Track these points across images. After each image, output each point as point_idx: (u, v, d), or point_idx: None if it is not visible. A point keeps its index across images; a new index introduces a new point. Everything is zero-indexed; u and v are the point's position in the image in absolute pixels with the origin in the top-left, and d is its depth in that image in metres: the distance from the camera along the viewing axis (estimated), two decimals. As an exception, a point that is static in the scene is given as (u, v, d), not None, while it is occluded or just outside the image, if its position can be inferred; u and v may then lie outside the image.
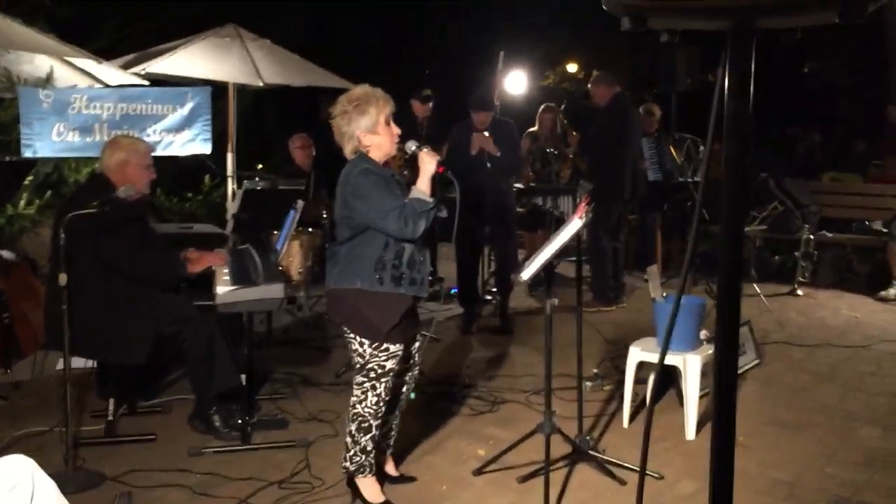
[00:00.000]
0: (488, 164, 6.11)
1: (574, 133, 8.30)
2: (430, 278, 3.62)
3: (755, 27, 1.17)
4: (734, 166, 1.18)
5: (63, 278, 3.67)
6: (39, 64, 6.59)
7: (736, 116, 1.19)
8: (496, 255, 6.59)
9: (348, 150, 3.45)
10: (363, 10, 14.47)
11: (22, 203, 6.91)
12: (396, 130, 3.44)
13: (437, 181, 3.40)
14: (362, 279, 3.33)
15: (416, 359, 3.68)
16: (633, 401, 4.46)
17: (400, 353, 3.42)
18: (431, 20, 15.61)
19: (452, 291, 6.85)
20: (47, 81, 6.58)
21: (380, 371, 3.39)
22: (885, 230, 7.84)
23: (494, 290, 6.99)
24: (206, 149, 6.57)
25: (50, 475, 2.45)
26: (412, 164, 3.46)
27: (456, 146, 6.26)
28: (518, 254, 6.73)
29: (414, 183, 3.38)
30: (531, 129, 8.38)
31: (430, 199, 3.29)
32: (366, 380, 3.41)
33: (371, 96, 3.39)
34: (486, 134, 6.10)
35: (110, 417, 4.32)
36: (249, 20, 7.56)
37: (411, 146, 3.45)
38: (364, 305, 3.34)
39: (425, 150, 3.41)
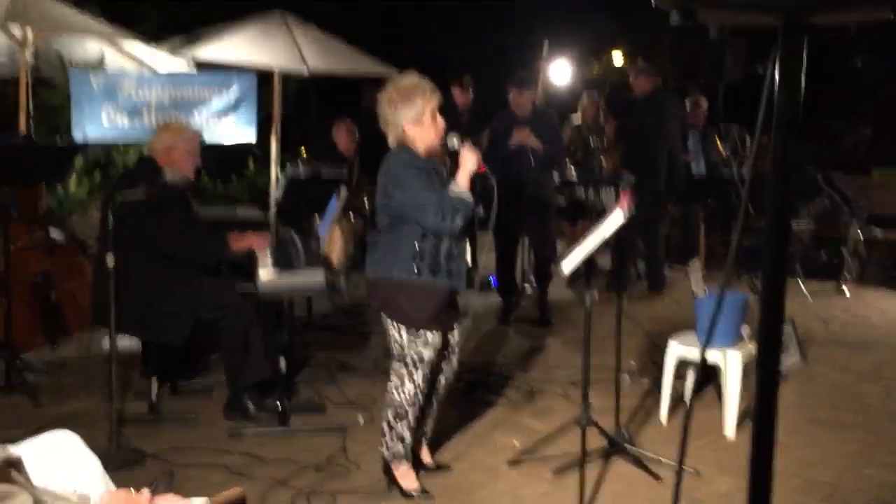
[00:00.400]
0: (532, 158, 6.08)
1: (611, 121, 8.25)
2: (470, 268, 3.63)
3: (807, 23, 1.16)
4: (780, 161, 1.17)
5: (111, 259, 3.75)
6: (90, 48, 6.71)
7: (785, 112, 1.18)
8: (535, 246, 6.58)
9: (392, 139, 3.46)
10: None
11: (72, 184, 7.05)
12: (442, 124, 3.44)
13: (476, 178, 3.40)
14: (399, 269, 3.35)
15: (455, 349, 3.69)
16: (671, 396, 4.42)
17: (438, 341, 3.44)
18: (476, 8, 15.54)
19: (491, 280, 6.85)
20: (98, 65, 6.70)
21: (417, 359, 3.41)
22: (935, 229, 7.66)
23: (533, 281, 6.98)
24: (250, 137, 6.64)
25: (94, 451, 2.52)
26: (454, 156, 3.46)
27: (496, 137, 6.24)
28: (557, 245, 6.72)
29: (454, 176, 3.39)
30: (573, 117, 8.32)
31: (469, 195, 3.29)
32: (403, 368, 3.43)
33: (419, 87, 3.39)
34: (528, 129, 6.06)
35: (153, 397, 4.40)
36: (294, 5, 7.60)
37: (454, 141, 3.45)
38: (401, 295, 3.37)
39: (467, 146, 3.40)
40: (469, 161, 3.35)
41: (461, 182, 3.33)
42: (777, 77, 1.18)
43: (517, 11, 14.89)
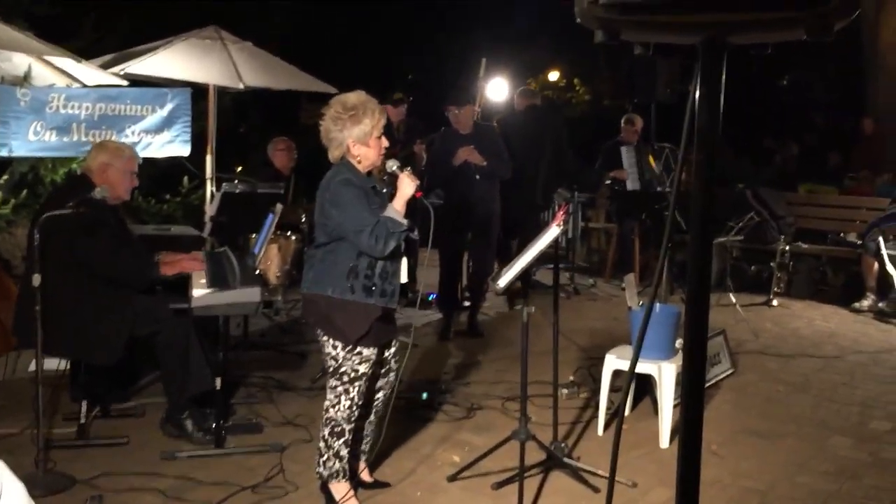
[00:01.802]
0: (477, 176, 6.15)
1: None
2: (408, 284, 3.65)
3: (726, 42, 1.20)
4: (702, 176, 1.20)
5: (37, 278, 3.65)
6: (17, 62, 6.53)
7: (705, 128, 1.22)
8: (473, 261, 6.62)
9: (334, 156, 3.46)
10: (345, 15, 14.48)
11: (-4, 202, 6.85)
12: (385, 143, 3.46)
13: (413, 203, 3.42)
14: (333, 287, 3.35)
15: (392, 364, 3.68)
16: (608, 409, 4.49)
17: (373, 357, 3.44)
18: (414, 27, 15.65)
19: (430, 297, 6.87)
20: (25, 80, 6.52)
21: (353, 375, 3.40)
22: (859, 242, 7.95)
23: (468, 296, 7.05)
24: (184, 151, 6.54)
25: (19, 477, 2.43)
26: (392, 178, 3.48)
27: (440, 156, 6.28)
28: (494, 260, 6.79)
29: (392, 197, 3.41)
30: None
31: (404, 221, 3.31)
32: (339, 384, 3.42)
33: (367, 106, 3.39)
34: (471, 147, 6.12)
35: (83, 420, 4.28)
36: (231, 23, 7.55)
37: (392, 165, 3.48)
38: (335, 312, 3.37)
39: (406, 172, 3.43)
40: (407, 187, 3.37)
41: (398, 206, 3.35)
42: (697, 98, 1.22)
43: (456, 31, 15.03)
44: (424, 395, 4.90)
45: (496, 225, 6.47)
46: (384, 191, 3.51)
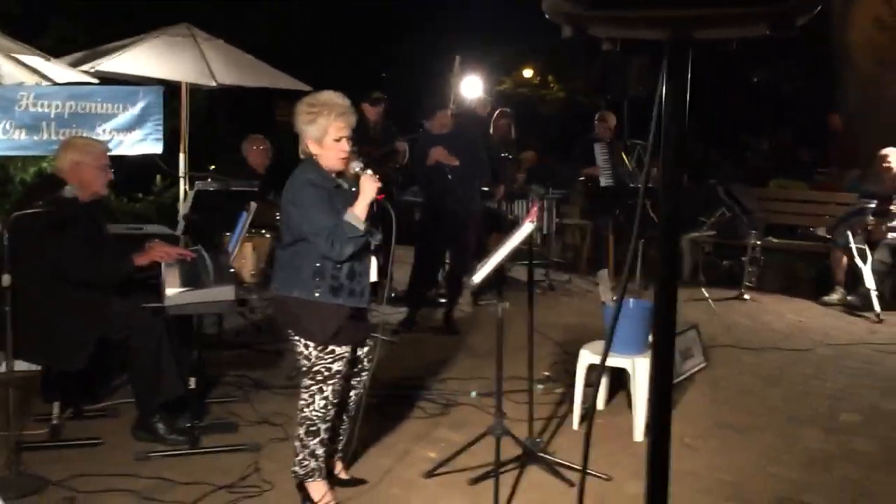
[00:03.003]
0: (449, 176, 6.23)
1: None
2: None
3: (691, 38, 1.21)
4: (669, 172, 1.21)
5: (6, 279, 3.60)
6: (-15, 60, 6.45)
7: (672, 123, 1.23)
8: (450, 259, 6.65)
9: (300, 148, 3.45)
10: (321, 14, 14.43)
11: (-35, 202, 6.75)
12: (345, 149, 3.38)
13: (374, 206, 3.39)
14: (300, 288, 3.35)
15: (366, 363, 3.68)
16: (583, 403, 4.51)
17: (346, 355, 3.43)
18: (389, 26, 15.63)
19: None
20: (-7, 78, 6.44)
21: (326, 374, 3.39)
22: (828, 236, 8.05)
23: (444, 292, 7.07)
24: (157, 149, 6.49)
25: (-10, 480, 2.41)
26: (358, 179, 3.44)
27: (419, 157, 6.37)
28: (472, 259, 6.80)
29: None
30: (485, 134, 8.43)
31: (362, 226, 3.28)
32: (313, 383, 3.41)
33: (326, 108, 3.34)
34: (440, 148, 6.22)
35: (55, 421, 4.24)
36: (206, 21, 7.50)
37: (356, 167, 3.42)
38: (303, 313, 3.36)
39: (368, 173, 3.37)
40: (369, 189, 3.33)
41: (358, 210, 3.31)
42: (664, 94, 1.23)
43: (428, 29, 15.03)
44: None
45: (474, 225, 6.51)
46: (353, 189, 3.47)
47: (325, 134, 3.34)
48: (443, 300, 7.13)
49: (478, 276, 3.53)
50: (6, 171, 7.41)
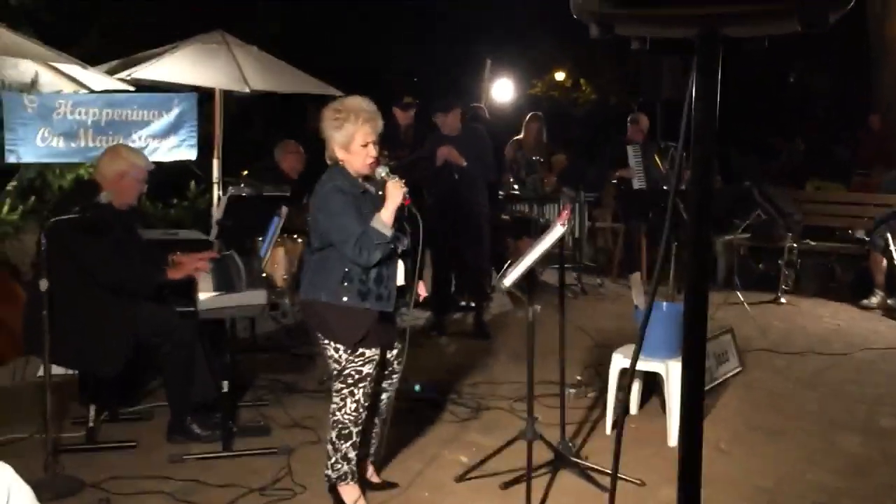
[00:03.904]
0: (456, 176, 6.26)
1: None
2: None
3: (721, 35, 1.19)
4: (699, 174, 1.19)
5: (44, 283, 3.66)
6: (24, 69, 6.56)
7: (703, 122, 1.21)
8: (468, 261, 6.64)
9: (328, 153, 3.46)
10: (350, 17, 14.50)
11: (5, 209, 6.87)
12: (373, 154, 3.38)
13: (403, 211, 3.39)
14: (327, 292, 3.36)
15: (395, 366, 3.68)
16: (615, 407, 4.47)
17: (376, 357, 3.44)
18: (419, 28, 15.67)
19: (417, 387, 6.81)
20: (32, 86, 6.55)
21: (357, 377, 3.40)
22: (866, 239, 7.90)
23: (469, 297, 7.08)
24: (191, 155, 6.55)
25: (28, 482, 2.44)
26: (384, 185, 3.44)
27: (430, 158, 6.37)
28: (489, 259, 6.84)
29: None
30: (517, 137, 8.42)
31: (389, 232, 3.29)
32: (344, 386, 3.42)
33: (353, 112, 3.36)
34: (448, 147, 6.24)
35: (91, 424, 4.29)
36: (234, 24, 7.56)
37: (381, 172, 3.43)
38: (331, 317, 3.39)
39: (394, 180, 3.37)
40: (395, 195, 3.33)
41: (384, 216, 3.31)
42: (694, 94, 1.21)
43: (459, 32, 15.04)
44: (417, 388, 4.91)
45: (485, 225, 6.54)
46: (379, 192, 3.47)
47: (352, 140, 3.35)
48: (469, 304, 7.13)
49: (509, 280, 3.51)
50: (44, 179, 7.52)
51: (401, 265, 3.49)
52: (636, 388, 4.70)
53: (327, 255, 3.38)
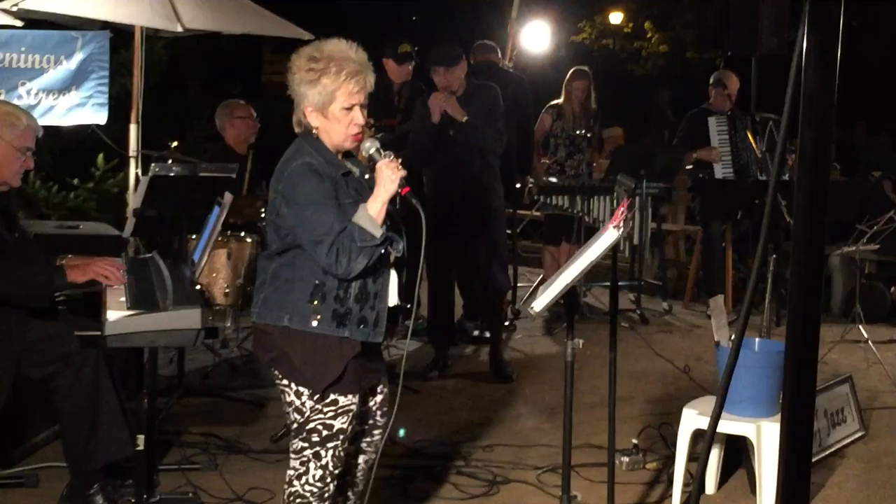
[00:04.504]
0: (451, 132, 6.22)
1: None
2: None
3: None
4: (810, 163, 1.20)
5: None
6: None
7: (816, 92, 1.22)
8: (481, 273, 6.64)
9: (295, 118, 3.47)
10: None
11: None
12: (359, 121, 3.39)
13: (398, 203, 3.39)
14: (292, 314, 3.35)
15: (379, 419, 3.69)
16: (686, 484, 4.47)
17: (353, 408, 3.44)
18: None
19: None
20: None
21: (326, 433, 3.41)
22: None
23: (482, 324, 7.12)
24: (99, 118, 6.58)
25: None
26: (373, 166, 3.44)
27: (419, 126, 6.38)
28: (508, 270, 6.87)
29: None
30: (555, 102, 8.45)
31: (379, 231, 3.27)
32: (307, 445, 3.42)
33: (336, 62, 3.34)
34: (448, 96, 6.21)
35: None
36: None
37: (370, 148, 3.41)
38: (295, 349, 3.37)
39: (388, 159, 3.35)
40: (388, 181, 3.31)
41: (372, 210, 3.30)
42: (804, 52, 1.22)
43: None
44: (401, 433, 4.93)
45: (500, 221, 6.59)
46: (366, 177, 3.48)
47: (332, 100, 3.36)
48: (486, 334, 7.14)
49: (540, 303, 3.52)
50: None
51: (393, 278, 3.49)
52: (715, 457, 4.70)
53: (291, 261, 3.39)
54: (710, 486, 4.73)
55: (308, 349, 3.36)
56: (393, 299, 3.50)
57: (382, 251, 3.32)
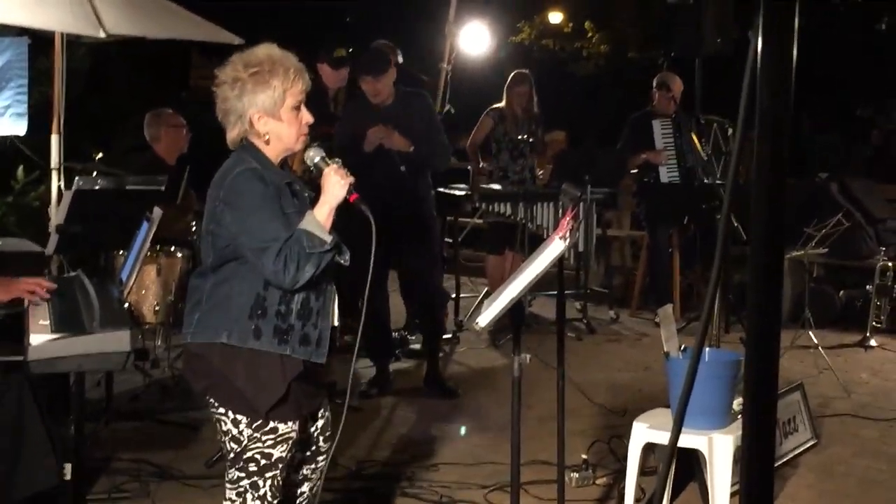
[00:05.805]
0: (402, 168, 6.21)
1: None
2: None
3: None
4: (766, 165, 1.20)
5: None
6: None
7: (772, 94, 1.22)
8: (416, 284, 6.62)
9: (233, 137, 3.43)
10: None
11: None
12: (308, 119, 3.41)
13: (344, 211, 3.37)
14: (231, 330, 3.31)
15: (321, 445, 3.66)
16: (637, 499, 4.49)
17: (293, 434, 3.41)
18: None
19: None
20: None
21: (264, 462, 3.37)
22: None
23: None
24: (19, 128, 6.49)
25: None
26: (318, 175, 3.42)
27: (349, 133, 6.32)
28: (443, 280, 6.89)
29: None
30: (496, 106, 8.46)
31: (329, 238, 3.26)
32: (244, 475, 3.38)
33: (279, 64, 3.35)
34: (386, 127, 6.16)
35: None
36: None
37: (315, 156, 3.41)
38: (234, 369, 3.32)
39: (334, 165, 3.36)
40: (336, 187, 3.30)
41: (320, 216, 3.29)
42: (760, 50, 1.21)
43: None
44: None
45: (435, 229, 6.64)
46: (306, 194, 3.46)
47: (282, 100, 3.35)
48: (415, 346, 7.16)
49: (485, 318, 3.52)
50: None
51: (335, 297, 3.48)
52: (662, 470, 4.72)
53: (228, 276, 3.35)
54: (664, 500, 4.74)
55: (249, 367, 3.32)
56: (335, 319, 3.48)
57: (331, 258, 3.30)
